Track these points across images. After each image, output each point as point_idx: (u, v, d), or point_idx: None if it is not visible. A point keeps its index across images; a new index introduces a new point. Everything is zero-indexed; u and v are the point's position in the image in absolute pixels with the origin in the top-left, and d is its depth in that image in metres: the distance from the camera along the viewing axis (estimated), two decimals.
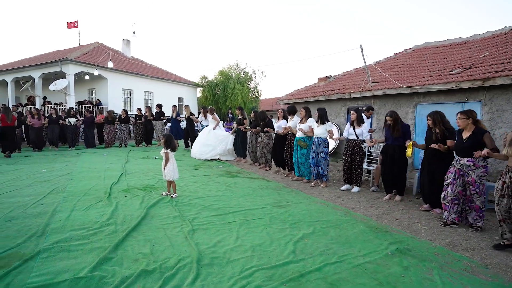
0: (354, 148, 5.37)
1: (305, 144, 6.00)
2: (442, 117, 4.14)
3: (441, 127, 4.08)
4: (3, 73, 17.54)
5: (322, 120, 5.68)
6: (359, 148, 5.37)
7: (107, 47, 20.10)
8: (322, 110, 5.78)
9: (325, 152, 5.66)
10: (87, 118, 11.66)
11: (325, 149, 5.68)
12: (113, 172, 6.32)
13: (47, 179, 5.66)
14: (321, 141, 5.66)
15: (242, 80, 22.92)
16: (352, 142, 5.39)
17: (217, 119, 9.80)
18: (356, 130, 5.34)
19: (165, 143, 4.58)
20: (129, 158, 8.43)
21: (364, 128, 5.36)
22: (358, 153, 5.34)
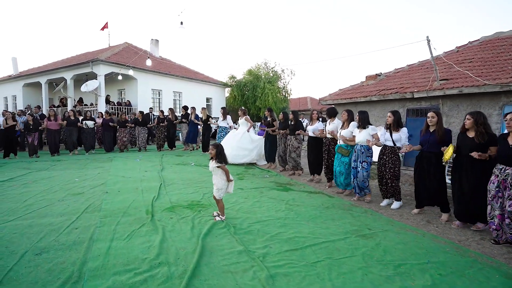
0: (388, 156, 4.46)
1: (347, 152, 5.12)
2: (485, 119, 3.60)
3: (481, 131, 3.52)
4: (38, 75, 17.68)
5: (363, 125, 4.79)
6: (395, 156, 4.44)
7: (136, 47, 19.90)
8: (363, 113, 4.90)
9: (368, 163, 4.75)
10: (105, 120, 11.17)
11: (368, 158, 4.77)
12: (150, 183, 5.65)
13: (81, 191, 5.05)
14: (364, 149, 4.76)
15: (272, 79, 22.06)
16: (387, 149, 4.50)
17: (250, 121, 9.03)
18: (393, 135, 4.43)
19: (217, 155, 3.78)
20: (164, 165, 7.79)
21: (402, 133, 4.42)
22: (393, 162, 4.43)
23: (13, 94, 20.07)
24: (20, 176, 6.23)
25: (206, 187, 5.37)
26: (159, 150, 11.30)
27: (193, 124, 11.11)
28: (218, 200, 3.83)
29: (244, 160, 8.26)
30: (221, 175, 3.81)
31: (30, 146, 9.51)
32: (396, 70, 9.54)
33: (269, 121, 7.97)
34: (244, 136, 8.55)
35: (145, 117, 11.91)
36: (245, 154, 8.32)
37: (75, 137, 10.48)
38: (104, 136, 11.19)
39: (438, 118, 4.08)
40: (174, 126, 11.68)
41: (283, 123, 7.49)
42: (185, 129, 11.55)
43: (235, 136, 8.61)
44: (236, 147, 8.37)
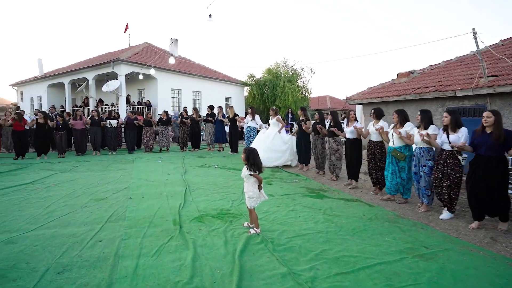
0: (447, 161, 3.96)
1: (402, 156, 4.66)
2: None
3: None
4: (61, 75, 17.95)
5: (427, 125, 4.33)
6: (454, 161, 3.93)
7: (156, 47, 19.90)
8: (426, 112, 4.44)
9: (429, 167, 4.27)
10: (130, 120, 11.07)
11: (429, 162, 4.29)
12: (174, 187, 5.36)
13: (103, 196, 4.82)
14: (424, 151, 4.32)
15: (291, 78, 21.56)
16: (444, 153, 4.00)
17: (282, 121, 8.66)
18: (450, 137, 3.94)
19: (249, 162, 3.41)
20: (187, 167, 7.52)
21: (461, 133, 3.89)
22: (452, 168, 3.92)
23: (39, 94, 20.52)
24: (43, 179, 6.10)
25: (233, 193, 5.03)
26: (182, 150, 11.11)
27: (220, 123, 10.85)
28: (250, 210, 3.47)
29: (277, 163, 7.91)
30: (253, 183, 3.45)
31: (58, 145, 9.55)
32: (431, 66, 8.89)
33: (302, 121, 7.56)
34: (276, 137, 8.18)
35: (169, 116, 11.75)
36: (278, 156, 7.97)
37: (99, 136, 10.46)
38: (127, 135, 11.10)
39: (495, 118, 3.59)
40: (198, 126, 11.46)
41: (319, 124, 7.11)
42: (210, 129, 11.30)
43: (267, 138, 8.23)
44: (268, 149, 7.99)
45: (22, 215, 3.89)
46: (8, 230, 3.38)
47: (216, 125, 11.04)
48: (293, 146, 8.12)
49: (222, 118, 10.95)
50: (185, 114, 11.53)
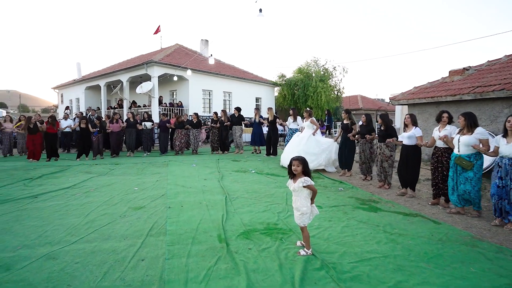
0: None
1: (469, 164, 4.05)
2: None
3: None
4: (98, 78, 18.51)
5: None
6: None
7: (187, 48, 20.02)
8: None
9: None
10: (162, 121, 11.08)
11: None
12: (214, 195, 5.07)
13: (141, 204, 4.61)
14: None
15: (323, 77, 20.85)
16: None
17: (316, 123, 8.20)
18: None
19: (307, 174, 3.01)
20: (222, 171, 7.25)
21: None
22: None
23: (77, 97, 21.35)
24: (82, 182, 6.06)
25: (277, 204, 4.65)
26: (212, 153, 10.96)
27: (257, 126, 10.56)
28: (302, 228, 3.06)
29: (311, 166, 7.44)
30: (306, 197, 3.04)
31: (95, 147, 9.72)
32: (490, 62, 8.01)
33: (347, 125, 7.05)
34: (310, 140, 7.76)
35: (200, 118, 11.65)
36: (311, 159, 7.49)
37: (133, 138, 10.56)
38: (160, 137, 11.13)
39: None
40: (226, 128, 11.24)
41: (366, 127, 6.60)
42: (238, 132, 11.04)
43: (301, 140, 7.84)
44: (302, 152, 7.56)
45: (63, 224, 3.74)
46: (49, 242, 3.21)
47: (254, 127, 10.76)
48: (331, 151, 7.63)
49: (262, 120, 10.66)
50: (215, 117, 11.35)
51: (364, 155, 6.63)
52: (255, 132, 10.72)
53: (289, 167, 3.12)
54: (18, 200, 4.83)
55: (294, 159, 3.08)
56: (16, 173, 7.15)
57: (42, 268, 2.68)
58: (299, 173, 3.05)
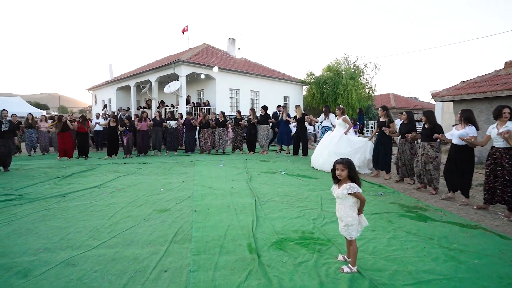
0: None
1: None
2: None
3: None
4: (128, 79, 18.94)
5: None
6: None
7: (214, 47, 19.97)
8: None
9: None
10: (187, 120, 10.96)
11: None
12: (242, 198, 4.75)
13: (166, 206, 4.38)
14: None
15: (354, 75, 19.98)
16: None
17: (349, 121, 7.67)
18: None
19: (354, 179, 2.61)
20: (250, 172, 6.92)
21: None
22: None
23: (109, 97, 22.03)
24: (109, 182, 5.98)
25: (312, 209, 4.23)
26: (233, 152, 10.76)
27: (284, 124, 10.18)
28: (349, 242, 2.64)
29: None
30: (352, 206, 2.62)
31: (125, 146, 9.81)
32: None
33: (384, 122, 6.50)
34: (341, 140, 7.28)
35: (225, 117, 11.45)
36: None
37: (160, 137, 10.57)
38: (186, 136, 11.06)
39: None
40: (255, 127, 10.94)
41: (406, 126, 6.04)
42: (264, 131, 10.70)
43: (332, 140, 7.38)
44: (333, 152, 7.14)
45: (86, 226, 3.57)
46: (71, 246, 3.03)
47: (280, 126, 10.39)
48: (366, 151, 7.08)
49: (288, 118, 10.27)
50: (238, 115, 11.08)
51: (404, 156, 6.05)
52: (281, 131, 10.33)
53: (332, 171, 2.72)
54: (47, 198, 4.79)
55: (338, 162, 2.66)
56: (49, 171, 7.26)
57: (60, 276, 2.47)
58: (344, 178, 2.63)
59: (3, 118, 7.05)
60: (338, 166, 2.65)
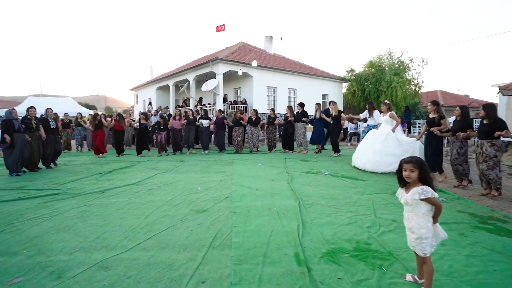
0: None
1: None
2: None
3: None
4: (166, 78, 19.38)
5: None
6: None
7: (250, 45, 19.78)
8: None
9: None
10: (219, 119, 10.76)
11: None
12: (284, 200, 4.37)
13: (204, 206, 4.14)
14: None
15: (398, 70, 18.69)
16: None
17: (397, 118, 6.97)
18: None
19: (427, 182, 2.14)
20: (291, 172, 6.52)
21: None
22: None
23: (149, 97, 22.78)
24: (147, 179, 5.92)
25: (364, 214, 3.75)
26: (270, 151, 10.40)
27: (318, 122, 9.65)
28: (422, 259, 2.16)
29: (390, 169, 6.36)
30: (425, 214, 2.15)
31: (159, 144, 9.89)
32: None
33: (433, 119, 5.81)
34: (388, 138, 6.64)
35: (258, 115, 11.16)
36: (390, 161, 6.38)
37: (192, 135, 10.53)
38: (217, 135, 10.90)
39: None
40: (292, 125, 10.49)
41: (460, 122, 5.33)
42: (301, 129, 10.21)
43: (378, 138, 6.75)
44: (379, 151, 6.53)
45: (122, 225, 3.42)
46: (106, 246, 2.87)
47: (314, 124, 9.87)
48: (415, 151, 6.37)
49: (325, 117, 9.72)
50: (271, 113, 10.70)
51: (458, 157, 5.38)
52: (315, 129, 9.79)
53: (398, 172, 2.26)
54: (87, 194, 4.78)
55: (406, 162, 2.20)
56: (92, 167, 7.44)
57: (92, 280, 2.28)
58: (414, 180, 2.17)
59: (49, 116, 7.33)
60: (406, 166, 2.19)
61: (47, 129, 7.10)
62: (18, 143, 6.23)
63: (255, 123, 10.65)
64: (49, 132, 7.15)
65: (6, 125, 6.11)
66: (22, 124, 6.47)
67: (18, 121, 6.36)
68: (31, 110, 6.79)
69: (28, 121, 6.61)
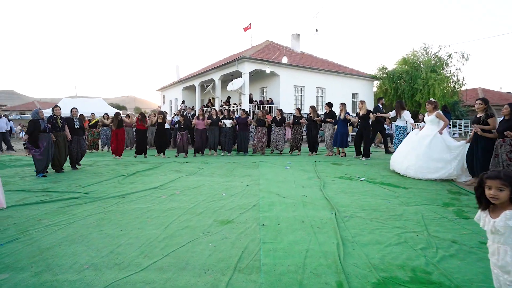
0: None
1: None
2: None
3: None
4: (192, 78, 19.37)
5: None
6: None
7: (277, 44, 19.32)
8: None
9: None
10: (242, 119, 10.31)
11: None
12: (318, 211, 3.89)
13: (229, 216, 3.74)
14: None
15: (436, 67, 17.46)
16: None
17: (445, 118, 6.23)
18: None
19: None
20: (323, 177, 6.00)
21: None
22: None
23: (175, 97, 22.96)
24: (170, 183, 5.65)
25: (413, 232, 3.18)
26: (291, 152, 9.99)
27: (343, 124, 9.02)
28: None
29: (436, 176, 5.68)
30: None
31: (179, 145, 9.66)
32: None
33: (480, 118, 5.09)
34: (435, 141, 5.94)
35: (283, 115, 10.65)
36: (438, 166, 5.71)
37: (216, 136, 10.20)
38: (240, 135, 10.46)
39: None
40: (316, 126, 9.94)
41: (508, 122, 4.67)
42: (329, 130, 9.62)
43: (422, 140, 6.07)
44: (424, 155, 5.86)
45: (139, 237, 3.10)
46: (119, 264, 2.54)
47: (338, 125, 9.22)
48: (464, 156, 5.64)
49: (351, 118, 9.11)
50: (297, 113, 10.15)
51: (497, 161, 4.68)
52: (338, 131, 9.12)
53: (477, 190, 1.75)
54: (107, 199, 4.56)
55: (492, 177, 1.67)
56: (116, 169, 7.32)
57: None
58: (503, 201, 1.64)
59: (74, 116, 7.29)
60: (492, 183, 1.67)
61: (71, 130, 7.07)
62: (44, 144, 6.20)
63: (280, 123, 10.18)
64: (73, 132, 7.11)
65: (32, 125, 6.09)
66: (48, 123, 6.45)
67: (44, 121, 6.33)
68: (56, 109, 6.77)
69: (54, 120, 6.59)
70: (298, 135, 10.12)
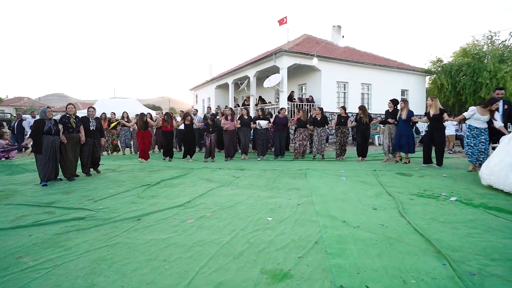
0: None
1: None
2: None
3: None
4: (225, 76, 18.47)
5: None
6: None
7: (316, 37, 17.83)
8: None
9: None
10: (280, 119, 9.01)
11: None
12: (417, 257, 2.51)
13: (283, 263, 2.49)
14: None
15: (505, 57, 15.01)
16: None
17: None
18: None
19: None
20: (392, 192, 4.57)
21: None
22: None
23: (208, 96, 22.25)
24: (199, 197, 4.54)
25: None
26: (338, 158, 8.61)
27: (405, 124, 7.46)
28: None
29: None
30: None
31: (207, 148, 8.64)
32: None
33: None
34: None
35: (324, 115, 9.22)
36: None
37: (248, 138, 9.05)
38: (278, 137, 9.17)
39: None
40: (368, 128, 8.46)
41: None
42: (388, 131, 8.07)
43: None
44: None
45: None
46: None
47: (399, 126, 7.64)
48: None
49: (418, 119, 7.53)
50: (343, 112, 8.68)
51: None
52: (400, 132, 7.51)
53: None
54: (118, 222, 3.52)
55: None
56: (140, 175, 6.41)
57: None
58: None
59: (90, 117, 6.44)
60: None
61: (86, 131, 6.21)
62: (45, 148, 5.36)
63: (321, 124, 8.80)
64: (87, 134, 6.25)
65: (36, 126, 5.27)
66: (60, 123, 5.64)
67: (51, 122, 5.51)
68: (69, 107, 5.96)
69: (67, 120, 5.75)
70: (344, 137, 8.69)
